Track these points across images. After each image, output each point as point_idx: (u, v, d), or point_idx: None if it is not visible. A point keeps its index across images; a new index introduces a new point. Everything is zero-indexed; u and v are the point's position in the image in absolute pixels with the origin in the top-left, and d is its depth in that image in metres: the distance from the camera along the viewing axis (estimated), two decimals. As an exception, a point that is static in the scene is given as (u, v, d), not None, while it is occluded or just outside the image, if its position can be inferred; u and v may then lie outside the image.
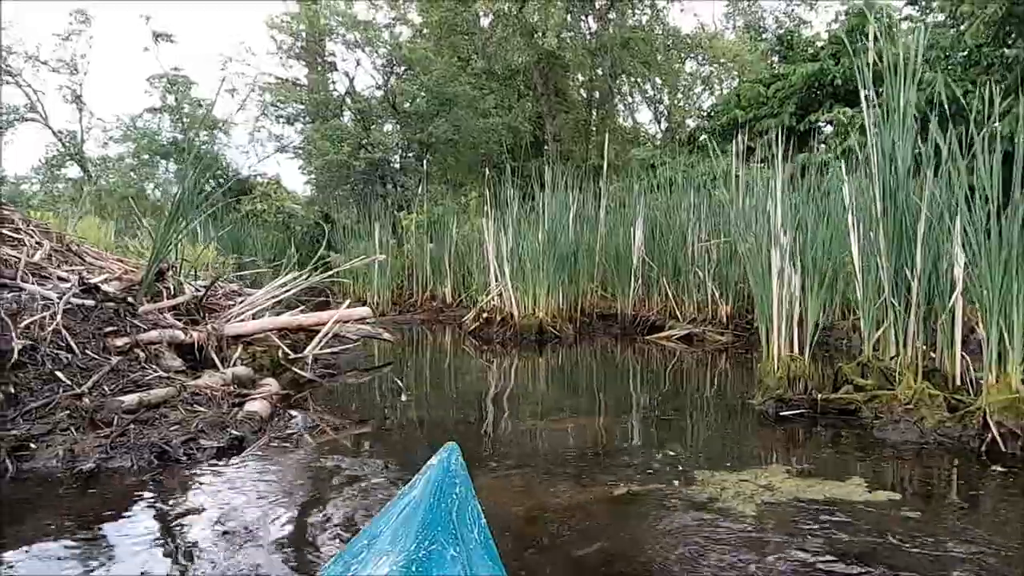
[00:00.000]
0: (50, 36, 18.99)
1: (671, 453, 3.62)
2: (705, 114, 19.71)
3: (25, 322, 3.74)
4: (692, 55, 20.49)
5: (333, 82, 17.63)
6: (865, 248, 4.49)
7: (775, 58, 17.84)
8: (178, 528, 2.55)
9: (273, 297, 5.67)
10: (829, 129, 14.79)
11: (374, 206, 14.45)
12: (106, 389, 3.65)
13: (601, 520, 2.64)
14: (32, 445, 3.14)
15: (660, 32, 19.14)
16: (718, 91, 20.76)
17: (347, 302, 6.34)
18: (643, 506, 2.80)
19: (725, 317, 8.44)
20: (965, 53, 12.63)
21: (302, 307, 6.00)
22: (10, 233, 4.80)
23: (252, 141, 17.84)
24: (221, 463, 3.25)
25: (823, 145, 13.50)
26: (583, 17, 18.62)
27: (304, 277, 5.79)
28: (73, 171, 18.56)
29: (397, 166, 16.80)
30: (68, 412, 3.39)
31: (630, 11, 19.01)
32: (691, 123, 20.39)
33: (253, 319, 5.35)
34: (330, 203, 17.30)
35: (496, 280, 8.96)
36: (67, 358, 3.73)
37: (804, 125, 14.56)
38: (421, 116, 16.20)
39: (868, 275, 4.46)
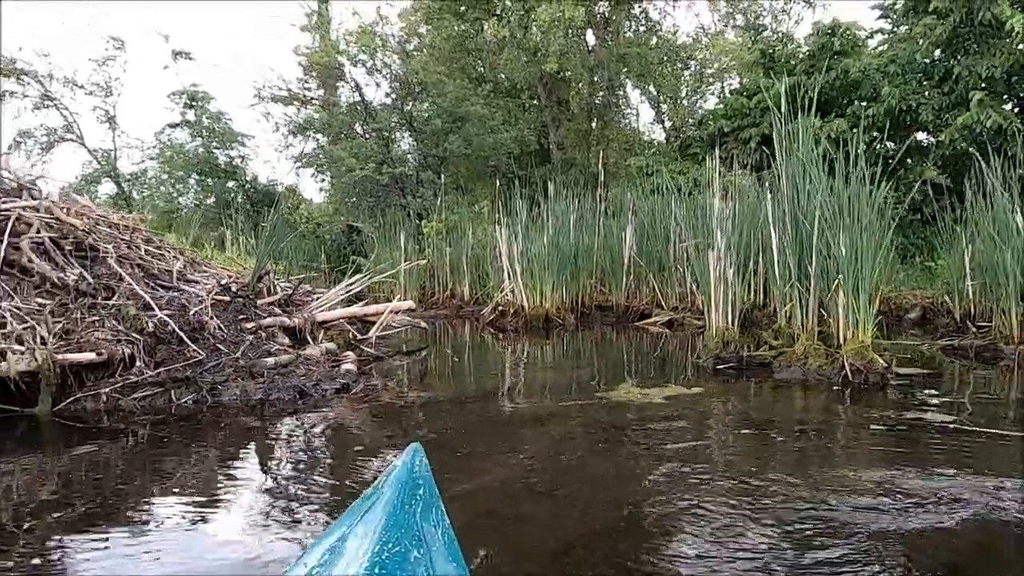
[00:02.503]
0: (87, 61, 20.55)
1: (629, 387, 5.38)
2: (697, 121, 21.24)
3: (192, 310, 5.48)
4: (687, 67, 21.92)
5: (354, 104, 19.37)
6: (780, 246, 6.16)
7: (760, 70, 19.39)
8: (322, 432, 4.27)
9: (340, 295, 7.41)
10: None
11: (397, 215, 16.14)
12: (251, 355, 5.39)
13: (578, 411, 4.48)
14: (219, 387, 4.88)
15: (655, 44, 20.73)
16: (717, 90, 21.98)
17: (397, 296, 8.09)
18: (603, 403, 4.75)
19: (702, 305, 10.09)
20: (921, 69, 14.14)
21: (366, 300, 7.76)
22: (154, 250, 6.55)
23: (281, 158, 19.61)
24: (338, 398, 5.00)
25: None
26: (581, 36, 20.23)
27: (366, 278, 7.53)
28: (107, 187, 20.00)
29: (416, 179, 18.49)
30: (232, 368, 5.13)
31: (626, 23, 20.60)
32: (692, 122, 21.65)
33: (329, 310, 7.08)
34: (355, 213, 19.02)
35: (508, 278, 10.39)
36: (222, 335, 5.47)
37: (782, 134, 16.12)
38: (436, 133, 17.92)
39: (782, 265, 6.14)
